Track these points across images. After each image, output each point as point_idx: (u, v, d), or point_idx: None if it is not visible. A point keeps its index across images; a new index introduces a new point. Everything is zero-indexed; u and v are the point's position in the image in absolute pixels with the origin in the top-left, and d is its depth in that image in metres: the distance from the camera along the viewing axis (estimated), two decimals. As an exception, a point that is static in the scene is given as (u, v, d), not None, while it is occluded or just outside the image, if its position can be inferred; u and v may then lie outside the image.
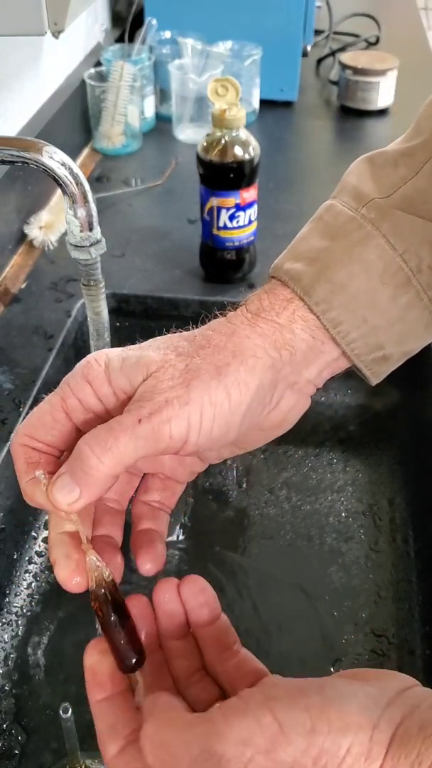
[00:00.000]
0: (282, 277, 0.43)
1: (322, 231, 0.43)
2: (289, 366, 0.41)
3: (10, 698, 0.65)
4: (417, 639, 0.69)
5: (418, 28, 1.76)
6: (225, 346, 0.39)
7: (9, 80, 0.94)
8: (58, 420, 0.39)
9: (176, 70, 1.20)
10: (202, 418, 0.37)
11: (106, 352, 0.40)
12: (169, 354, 0.39)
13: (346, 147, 1.29)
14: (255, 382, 0.39)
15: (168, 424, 0.36)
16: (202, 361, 0.38)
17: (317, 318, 0.41)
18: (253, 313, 0.42)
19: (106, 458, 0.35)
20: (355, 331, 0.41)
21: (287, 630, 0.71)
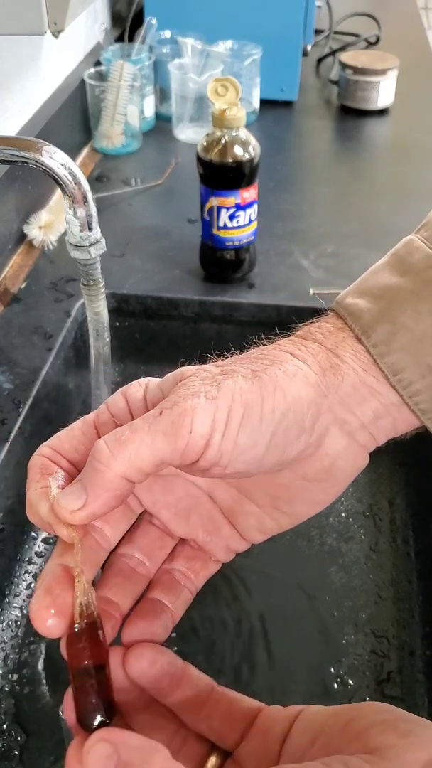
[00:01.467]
0: (341, 312, 0.38)
1: (394, 266, 0.39)
2: (335, 394, 0.36)
3: (10, 698, 0.65)
4: (417, 639, 0.69)
5: (418, 28, 1.76)
6: (264, 356, 0.36)
7: (9, 80, 0.94)
8: (86, 434, 0.36)
9: (176, 70, 1.20)
10: (230, 417, 0.33)
11: (150, 378, 0.38)
12: (205, 366, 0.36)
13: (346, 147, 1.29)
14: (293, 392, 0.34)
15: (190, 415, 0.32)
16: (239, 366, 0.35)
17: (374, 361, 0.36)
18: (300, 336, 0.38)
19: (119, 452, 0.32)
20: (419, 381, 0.36)
21: (287, 630, 0.70)
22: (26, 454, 0.73)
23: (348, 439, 0.37)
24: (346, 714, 0.31)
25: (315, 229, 1.02)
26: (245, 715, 0.34)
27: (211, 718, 0.34)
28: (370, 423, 0.37)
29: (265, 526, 0.39)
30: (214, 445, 0.33)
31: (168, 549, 0.39)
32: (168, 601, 0.37)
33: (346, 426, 0.37)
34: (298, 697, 0.65)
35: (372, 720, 0.30)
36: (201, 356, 1.01)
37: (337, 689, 0.66)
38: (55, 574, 0.33)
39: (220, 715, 0.34)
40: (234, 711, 0.34)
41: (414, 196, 1.10)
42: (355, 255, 0.96)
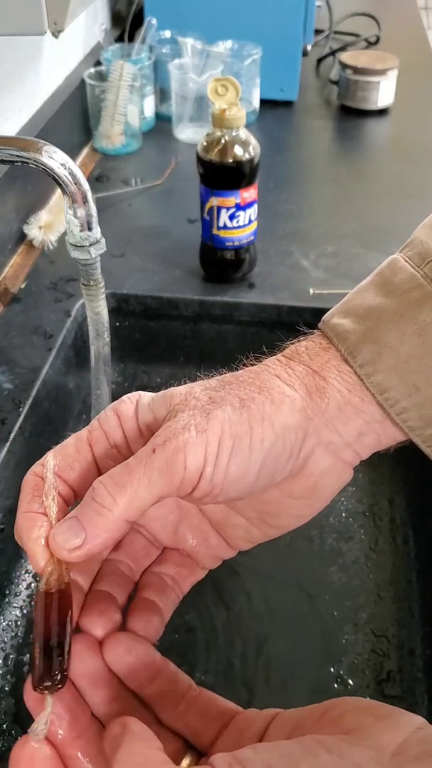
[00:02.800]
0: (327, 332, 0.39)
1: (379, 286, 0.39)
2: (321, 416, 0.37)
3: (9, 699, 0.65)
4: (417, 639, 0.69)
5: (418, 28, 1.76)
6: (252, 382, 0.37)
7: (9, 80, 0.94)
8: (81, 451, 0.36)
9: (176, 70, 1.20)
10: (220, 449, 0.34)
11: (140, 392, 0.38)
12: (195, 387, 0.37)
13: (346, 147, 1.29)
14: (281, 420, 0.35)
15: (183, 452, 0.33)
16: (227, 393, 0.36)
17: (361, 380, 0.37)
18: (287, 356, 0.39)
19: (120, 495, 0.32)
20: (405, 399, 0.36)
21: (287, 630, 0.70)
22: (26, 454, 0.73)
23: (333, 458, 0.38)
24: (322, 706, 0.32)
25: (315, 229, 1.02)
26: (221, 715, 0.35)
27: (187, 714, 0.35)
28: (354, 441, 0.38)
29: (253, 536, 0.40)
30: (206, 478, 0.34)
31: (153, 557, 0.40)
32: (159, 602, 0.38)
33: (331, 446, 0.38)
34: (298, 697, 0.65)
35: (347, 707, 0.31)
36: (201, 356, 1.01)
37: (337, 689, 0.66)
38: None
39: (196, 713, 0.35)
40: (210, 710, 0.35)
41: (414, 196, 1.10)
42: (355, 255, 0.96)
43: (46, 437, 0.80)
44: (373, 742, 0.28)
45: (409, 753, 0.28)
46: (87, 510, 0.33)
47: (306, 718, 0.32)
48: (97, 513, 0.32)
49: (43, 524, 0.34)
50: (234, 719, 0.34)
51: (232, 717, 0.34)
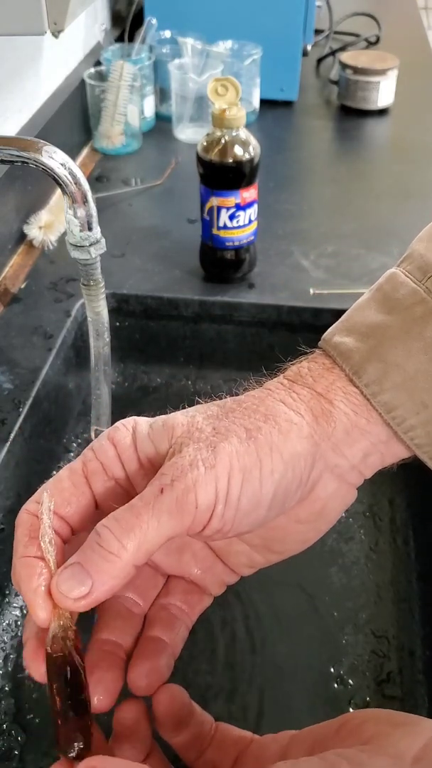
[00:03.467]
0: (330, 351, 0.38)
1: (380, 302, 0.38)
2: (328, 441, 0.36)
3: (9, 698, 0.65)
4: (417, 640, 0.69)
5: (418, 28, 1.75)
6: (257, 409, 0.35)
7: (9, 80, 0.94)
8: (77, 485, 0.35)
9: (176, 70, 1.20)
10: (230, 484, 0.32)
11: (136, 418, 0.37)
12: (197, 417, 0.35)
13: (346, 147, 1.29)
14: (289, 449, 0.34)
15: (193, 492, 0.32)
16: (231, 423, 0.34)
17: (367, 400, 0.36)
18: (290, 379, 0.38)
19: (128, 540, 0.31)
20: (413, 417, 0.36)
21: (287, 630, 0.70)
22: (26, 454, 0.73)
23: (338, 481, 0.37)
24: (339, 720, 0.31)
25: (315, 229, 1.02)
26: (236, 744, 0.34)
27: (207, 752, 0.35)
28: (359, 462, 0.37)
29: (255, 562, 0.40)
30: (218, 515, 0.33)
31: (159, 587, 0.39)
32: (167, 638, 0.37)
33: (337, 469, 0.37)
34: (298, 697, 0.65)
35: (365, 717, 0.30)
36: (201, 356, 1.01)
37: (337, 689, 0.66)
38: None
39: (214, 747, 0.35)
40: (226, 741, 0.35)
41: (414, 196, 1.10)
42: (355, 255, 0.96)
43: (46, 437, 0.80)
44: (392, 750, 0.28)
45: (429, 758, 0.28)
46: (92, 556, 0.31)
47: (324, 734, 0.31)
48: (104, 559, 0.31)
49: (42, 571, 0.32)
50: (249, 747, 0.34)
51: (248, 744, 0.34)
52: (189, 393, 0.93)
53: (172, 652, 0.37)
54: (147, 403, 0.92)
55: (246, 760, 0.34)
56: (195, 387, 0.94)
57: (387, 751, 0.28)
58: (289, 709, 0.64)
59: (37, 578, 0.32)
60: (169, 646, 0.37)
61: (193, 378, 0.95)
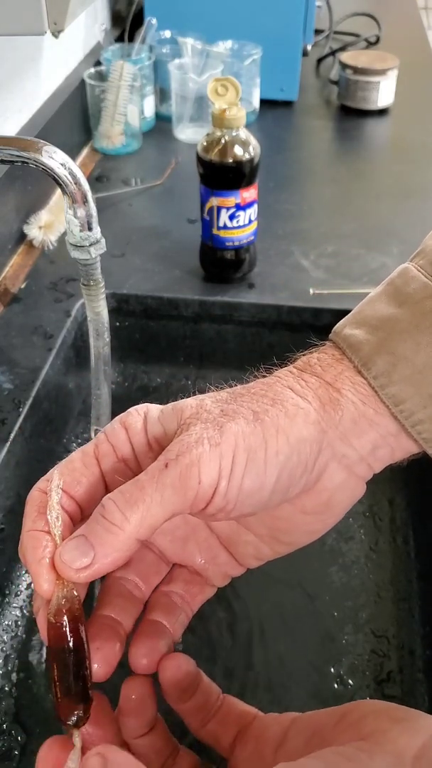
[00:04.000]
0: (339, 343, 0.38)
1: (391, 296, 0.38)
2: (335, 430, 0.36)
3: (9, 699, 0.65)
4: (417, 639, 0.69)
5: (418, 28, 1.75)
6: (265, 394, 0.36)
7: (9, 80, 0.94)
8: (88, 466, 0.35)
9: (176, 70, 1.20)
10: (234, 463, 0.33)
11: (148, 405, 0.38)
12: (206, 400, 0.36)
13: (346, 147, 1.29)
14: (295, 433, 0.34)
15: (197, 466, 0.32)
16: (239, 406, 0.35)
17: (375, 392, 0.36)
18: (299, 368, 0.38)
19: (131, 513, 0.31)
20: (421, 411, 0.36)
21: (287, 630, 0.70)
22: (26, 454, 0.73)
23: (346, 473, 0.37)
24: (340, 710, 0.31)
25: (315, 229, 1.02)
26: (240, 718, 0.35)
27: (211, 722, 0.35)
28: (368, 455, 0.37)
29: (262, 553, 0.40)
30: (220, 492, 0.33)
31: (163, 574, 0.40)
32: (167, 623, 0.37)
33: (344, 460, 0.37)
34: (298, 697, 0.65)
35: (365, 710, 0.30)
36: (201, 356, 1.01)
37: (337, 689, 0.66)
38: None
39: (218, 719, 0.35)
40: (230, 714, 0.35)
41: (414, 196, 1.10)
42: (355, 255, 0.96)
43: (46, 437, 0.80)
44: (391, 747, 0.28)
45: (429, 756, 0.28)
46: (96, 527, 0.32)
47: (325, 723, 0.31)
48: (107, 531, 0.31)
49: (48, 544, 0.33)
50: (252, 724, 0.34)
51: (251, 721, 0.34)
52: (189, 393, 0.93)
53: (171, 636, 0.37)
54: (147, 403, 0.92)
55: (246, 737, 0.34)
56: (195, 387, 0.94)
57: (385, 748, 0.28)
58: (289, 708, 0.64)
59: (42, 550, 0.32)
60: (169, 631, 0.37)
61: (193, 378, 0.95)
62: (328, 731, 0.31)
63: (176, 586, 0.39)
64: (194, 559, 0.39)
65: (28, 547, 0.33)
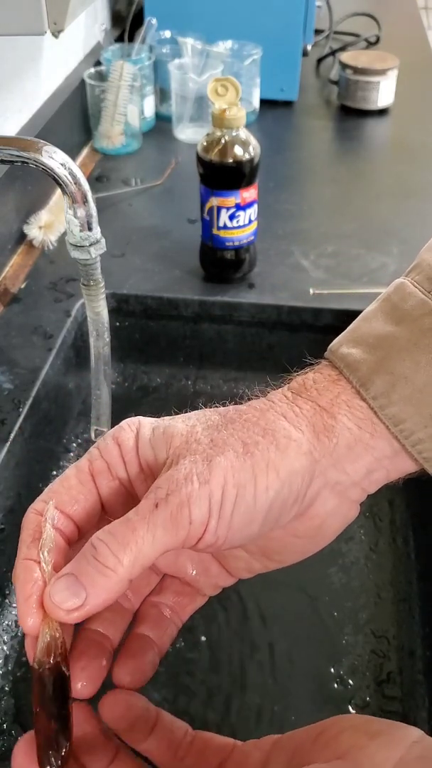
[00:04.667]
0: (337, 363, 0.38)
1: (388, 313, 0.38)
2: (329, 458, 0.35)
3: (10, 699, 0.65)
4: (417, 640, 0.69)
5: (418, 28, 1.75)
6: (257, 422, 0.35)
7: (8, 80, 0.94)
8: (84, 483, 0.35)
9: (176, 70, 1.20)
10: (224, 499, 0.32)
11: (140, 419, 0.37)
12: (196, 426, 0.35)
13: (346, 147, 1.29)
14: (286, 466, 0.34)
15: (187, 506, 0.32)
16: (229, 436, 0.34)
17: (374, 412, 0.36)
18: (294, 391, 0.37)
19: (124, 555, 0.31)
20: (421, 431, 0.35)
21: (287, 631, 0.70)
22: (26, 454, 0.73)
23: (339, 498, 0.37)
24: (318, 727, 0.31)
25: (315, 229, 1.02)
26: (219, 751, 0.34)
27: (185, 760, 0.34)
28: (362, 479, 0.37)
29: (253, 567, 0.40)
30: (211, 530, 0.33)
31: (153, 585, 0.39)
32: (155, 637, 0.37)
33: (338, 486, 0.37)
34: (298, 698, 0.65)
35: (342, 727, 0.30)
36: (201, 356, 1.01)
37: (337, 689, 0.66)
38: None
39: (194, 756, 0.34)
40: (207, 750, 0.34)
41: (414, 196, 1.10)
42: (355, 255, 0.96)
43: (46, 437, 0.80)
44: (368, 763, 0.28)
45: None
46: (87, 568, 0.31)
47: (303, 741, 0.31)
48: (100, 573, 0.31)
49: (38, 579, 0.32)
50: (231, 754, 0.34)
51: (230, 751, 0.34)
52: (189, 393, 0.93)
53: (158, 650, 0.37)
54: (147, 403, 0.92)
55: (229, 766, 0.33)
56: (195, 387, 0.94)
57: (363, 764, 0.28)
58: (289, 709, 0.64)
59: (32, 585, 0.32)
60: (156, 645, 0.37)
61: (193, 378, 0.95)
62: (307, 749, 0.30)
63: (166, 597, 0.39)
64: (186, 570, 0.39)
65: (19, 578, 0.33)
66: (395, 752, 0.28)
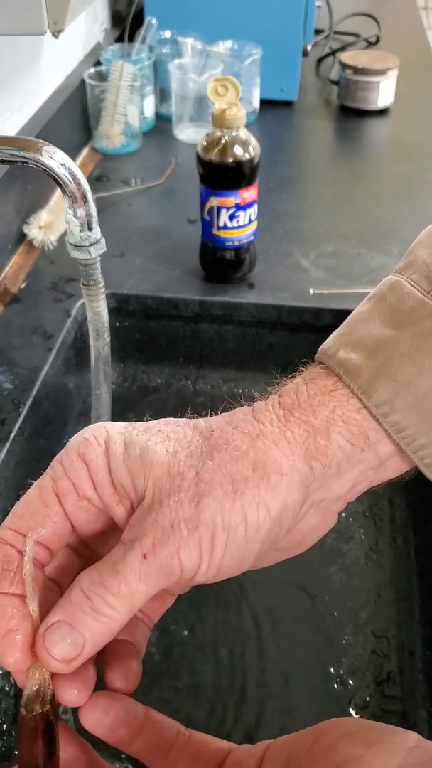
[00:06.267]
0: (336, 369, 0.36)
1: (386, 315, 0.36)
2: (319, 480, 0.34)
3: (9, 699, 0.65)
4: (417, 640, 0.69)
5: (418, 28, 1.75)
6: (246, 452, 0.33)
7: (9, 80, 0.94)
8: (49, 505, 0.34)
9: (176, 70, 1.20)
10: (214, 545, 0.32)
11: (108, 429, 0.35)
12: (178, 453, 0.33)
13: (346, 147, 1.29)
14: (277, 504, 0.33)
15: (177, 557, 0.31)
16: (216, 469, 0.33)
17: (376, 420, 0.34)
18: (286, 409, 0.35)
19: (121, 606, 0.31)
20: (423, 437, 0.34)
21: (287, 630, 0.70)
22: (26, 454, 0.73)
23: (322, 514, 0.37)
24: (313, 733, 0.31)
25: (315, 229, 1.02)
26: (214, 756, 0.33)
27: (179, 763, 0.33)
28: (346, 493, 0.36)
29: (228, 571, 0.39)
30: (201, 573, 0.32)
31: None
32: (132, 640, 0.36)
33: (322, 504, 0.36)
34: (297, 698, 0.65)
35: (337, 734, 0.30)
36: (201, 356, 1.01)
37: (337, 689, 0.66)
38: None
39: (188, 759, 0.33)
40: (202, 753, 0.34)
41: (414, 196, 1.10)
42: (355, 255, 0.96)
43: (46, 438, 0.80)
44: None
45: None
46: (85, 619, 0.31)
47: (298, 748, 0.31)
48: (97, 621, 0.31)
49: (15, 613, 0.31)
50: (227, 759, 0.33)
51: (225, 756, 0.33)
52: (189, 393, 0.94)
53: (137, 653, 0.36)
54: (147, 403, 0.92)
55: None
56: (195, 387, 0.94)
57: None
58: (289, 709, 0.64)
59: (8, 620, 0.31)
60: (134, 648, 0.36)
61: (193, 378, 0.95)
62: (303, 757, 0.30)
63: None
64: None
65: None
66: (393, 759, 0.28)
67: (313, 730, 0.31)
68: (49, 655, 0.30)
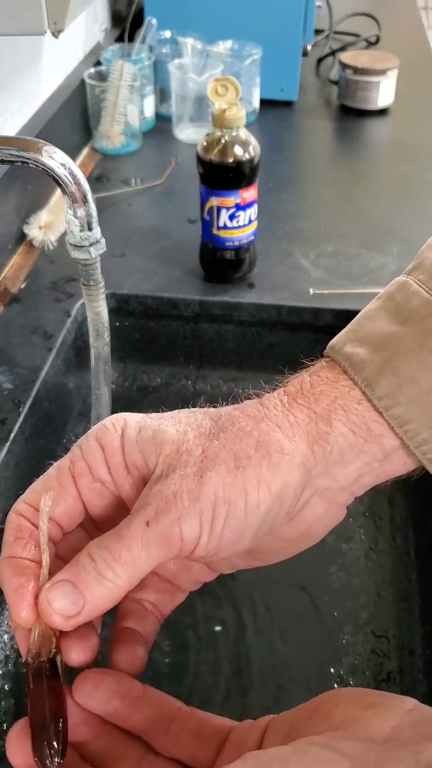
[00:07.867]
0: (342, 362, 0.37)
1: (393, 313, 0.37)
2: (321, 466, 0.35)
3: (9, 699, 0.65)
4: (417, 639, 0.69)
5: (418, 28, 1.76)
6: (250, 433, 0.35)
7: (8, 80, 0.94)
8: (65, 485, 0.36)
9: (176, 70, 1.20)
10: (214, 516, 0.33)
11: (125, 417, 0.36)
12: (188, 433, 0.35)
13: (346, 147, 1.29)
14: (278, 482, 0.34)
15: (177, 526, 0.32)
16: (221, 447, 0.34)
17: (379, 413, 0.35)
18: (290, 396, 0.37)
19: (123, 571, 0.32)
20: (426, 431, 0.35)
21: (287, 630, 0.70)
22: (26, 454, 0.73)
23: (328, 503, 0.37)
24: (313, 703, 0.31)
25: (315, 229, 1.02)
26: (217, 733, 0.34)
27: (181, 738, 0.34)
28: (351, 483, 0.37)
29: (236, 564, 0.40)
30: (202, 545, 0.33)
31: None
32: (141, 629, 0.37)
33: (327, 492, 0.37)
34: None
35: (336, 700, 0.30)
36: (201, 356, 1.01)
37: (337, 689, 0.66)
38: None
39: (190, 735, 0.34)
40: (205, 729, 0.34)
41: (414, 196, 1.10)
42: (355, 255, 0.96)
43: (46, 437, 0.80)
44: (363, 733, 0.28)
45: (401, 737, 0.28)
46: (87, 579, 0.32)
47: (298, 718, 0.31)
48: (99, 584, 0.32)
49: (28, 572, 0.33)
50: (230, 735, 0.34)
51: (228, 732, 0.34)
52: (189, 393, 0.94)
53: (144, 641, 0.37)
54: (147, 402, 0.92)
55: (227, 750, 0.34)
56: (195, 387, 0.94)
57: (357, 734, 0.28)
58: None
59: (20, 577, 0.33)
60: (143, 638, 0.37)
61: (193, 378, 0.95)
62: (302, 725, 0.31)
63: (147, 594, 0.39)
64: (167, 566, 0.39)
65: (5, 573, 0.33)
66: (389, 721, 0.28)
67: (314, 700, 0.32)
68: (50, 608, 0.32)
